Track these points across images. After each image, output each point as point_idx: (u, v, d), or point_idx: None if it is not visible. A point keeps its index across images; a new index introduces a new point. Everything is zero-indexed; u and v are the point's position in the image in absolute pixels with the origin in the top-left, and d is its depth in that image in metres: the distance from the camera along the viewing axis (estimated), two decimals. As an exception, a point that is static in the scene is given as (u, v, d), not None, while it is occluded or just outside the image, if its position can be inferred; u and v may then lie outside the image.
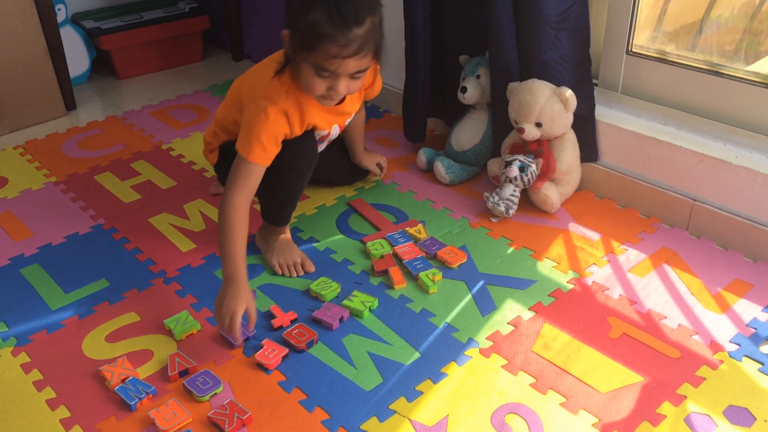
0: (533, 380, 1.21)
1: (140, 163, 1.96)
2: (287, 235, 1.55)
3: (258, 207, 1.57)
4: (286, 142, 1.41)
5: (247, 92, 1.41)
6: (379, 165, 1.78)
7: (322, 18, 1.22)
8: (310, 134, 1.46)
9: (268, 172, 1.40)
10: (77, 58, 2.48)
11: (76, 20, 2.52)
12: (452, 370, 1.24)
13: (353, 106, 1.50)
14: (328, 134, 1.52)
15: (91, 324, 1.37)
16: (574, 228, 1.61)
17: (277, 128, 1.36)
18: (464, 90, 1.75)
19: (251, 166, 1.35)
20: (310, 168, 1.49)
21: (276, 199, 1.49)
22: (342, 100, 1.45)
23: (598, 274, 1.46)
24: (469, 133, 1.81)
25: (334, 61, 1.26)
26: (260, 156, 1.35)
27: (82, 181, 1.88)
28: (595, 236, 1.58)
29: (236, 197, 1.33)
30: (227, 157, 1.48)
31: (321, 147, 1.56)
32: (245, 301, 1.25)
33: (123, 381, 1.22)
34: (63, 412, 1.18)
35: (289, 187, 1.48)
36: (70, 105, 2.30)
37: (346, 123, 1.55)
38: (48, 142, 2.10)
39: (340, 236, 1.61)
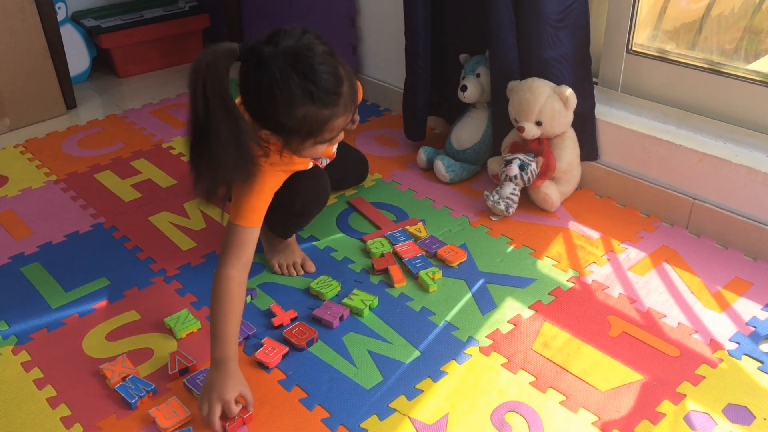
0: (533, 378, 1.21)
1: (140, 162, 1.96)
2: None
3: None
4: (298, 188, 1.36)
5: None
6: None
7: (312, 107, 1.13)
8: (322, 175, 1.46)
9: (278, 212, 1.37)
10: (77, 57, 2.48)
11: (76, 18, 2.52)
12: (452, 368, 1.24)
13: None
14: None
15: (91, 322, 1.37)
16: (574, 226, 1.61)
17: (265, 187, 1.28)
18: (464, 88, 1.75)
19: (244, 230, 1.24)
20: (321, 208, 1.50)
21: (284, 227, 1.50)
22: None
23: (598, 272, 1.46)
24: (469, 132, 1.81)
25: (341, 127, 1.21)
26: (251, 219, 1.25)
27: (83, 179, 1.88)
28: (595, 235, 1.58)
29: (230, 270, 1.20)
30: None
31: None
32: (238, 387, 1.13)
33: (123, 379, 1.22)
34: (63, 410, 1.18)
35: (299, 223, 1.53)
36: (71, 103, 2.30)
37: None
38: (48, 140, 2.10)
39: (340, 235, 1.61)
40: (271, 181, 1.29)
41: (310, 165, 1.43)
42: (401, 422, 1.14)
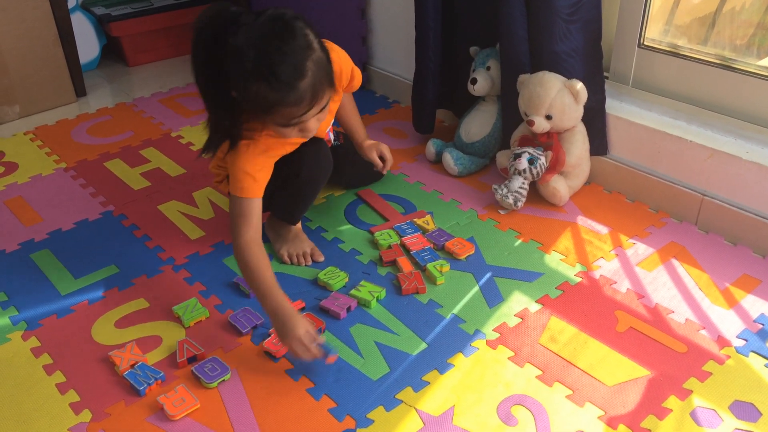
0: (540, 372, 1.21)
1: (149, 151, 1.97)
2: (298, 225, 1.55)
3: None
4: (301, 157, 1.38)
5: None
6: (381, 157, 1.63)
7: (264, 88, 1.13)
8: (322, 144, 1.46)
9: (284, 184, 1.40)
10: (87, 45, 2.48)
11: (86, 6, 2.52)
12: (459, 360, 1.24)
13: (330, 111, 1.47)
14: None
15: (100, 309, 1.38)
16: (583, 221, 1.61)
17: (258, 158, 1.30)
18: (474, 81, 1.75)
19: (246, 201, 1.29)
20: (327, 176, 1.50)
21: (292, 206, 1.50)
22: None
23: (606, 267, 1.46)
24: (478, 125, 1.80)
25: (293, 118, 1.19)
26: (251, 189, 1.29)
27: (92, 167, 1.89)
28: (603, 230, 1.58)
29: (244, 237, 1.27)
30: None
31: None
32: (302, 323, 1.19)
33: (132, 366, 1.23)
34: (72, 396, 1.19)
35: (307, 196, 1.51)
36: (80, 91, 2.30)
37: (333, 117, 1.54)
38: (58, 128, 2.11)
39: (348, 226, 1.62)
40: (258, 152, 1.29)
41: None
42: (407, 413, 1.14)
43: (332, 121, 1.54)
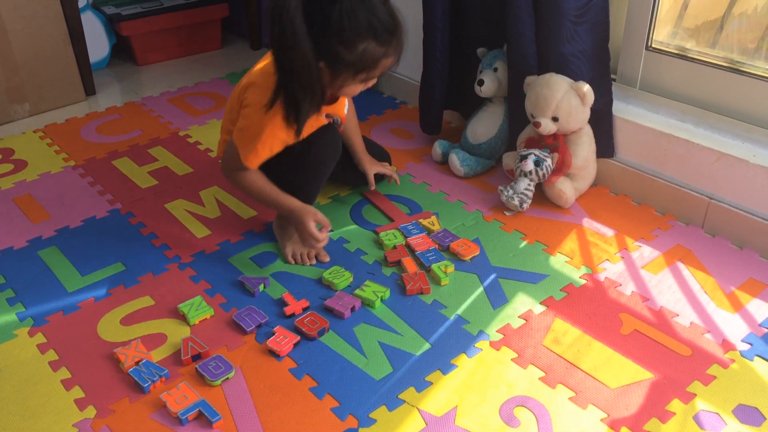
0: (543, 374, 1.21)
1: (157, 149, 1.98)
2: None
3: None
4: (311, 138, 1.43)
5: (252, 92, 1.39)
6: (377, 176, 1.71)
7: (372, 44, 1.26)
8: (333, 128, 1.49)
9: (294, 167, 1.44)
10: (97, 44, 2.50)
11: (97, 6, 2.53)
12: (462, 361, 1.24)
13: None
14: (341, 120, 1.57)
15: (106, 306, 1.39)
16: (588, 223, 1.60)
17: (274, 141, 1.38)
18: (481, 83, 1.75)
19: (247, 171, 1.43)
20: (335, 160, 1.51)
21: (301, 191, 1.50)
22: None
23: (611, 270, 1.46)
24: (485, 126, 1.80)
25: (385, 68, 1.32)
26: (253, 162, 1.40)
27: (100, 165, 1.90)
28: (609, 232, 1.57)
29: (241, 173, 1.42)
30: None
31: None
32: (312, 214, 1.42)
33: (137, 363, 1.24)
34: (77, 392, 1.20)
35: (316, 179, 1.51)
36: (90, 90, 2.32)
37: (344, 111, 1.57)
38: (67, 126, 2.12)
39: (353, 226, 1.62)
40: (275, 136, 1.37)
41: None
42: (410, 413, 1.15)
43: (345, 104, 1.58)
